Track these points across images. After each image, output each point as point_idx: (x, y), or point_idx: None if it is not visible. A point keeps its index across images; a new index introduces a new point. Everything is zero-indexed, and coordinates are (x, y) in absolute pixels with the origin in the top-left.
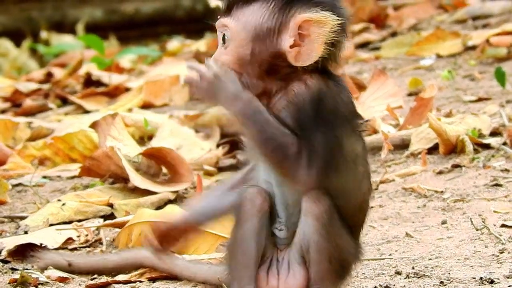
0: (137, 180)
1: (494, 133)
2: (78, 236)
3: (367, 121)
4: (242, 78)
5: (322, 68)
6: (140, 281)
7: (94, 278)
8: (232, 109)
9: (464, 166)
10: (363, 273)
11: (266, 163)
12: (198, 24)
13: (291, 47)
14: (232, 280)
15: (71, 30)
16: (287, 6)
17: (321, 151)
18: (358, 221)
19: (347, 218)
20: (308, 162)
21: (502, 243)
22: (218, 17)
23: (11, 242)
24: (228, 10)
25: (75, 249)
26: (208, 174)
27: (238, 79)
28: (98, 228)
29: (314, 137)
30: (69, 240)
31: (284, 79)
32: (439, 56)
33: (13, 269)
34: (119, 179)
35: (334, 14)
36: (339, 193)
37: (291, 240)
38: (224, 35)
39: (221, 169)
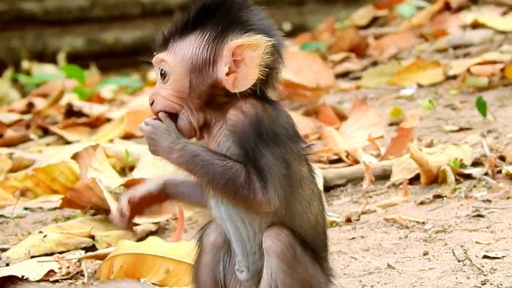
0: None
1: (476, 163)
2: (60, 268)
3: (311, 145)
4: (183, 112)
5: (260, 94)
6: None
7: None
8: (170, 161)
9: (445, 196)
10: None
11: (225, 200)
12: None
13: (227, 74)
14: None
15: (53, 60)
16: (221, 35)
17: (271, 170)
18: (318, 245)
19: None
20: (262, 184)
21: (484, 274)
22: (154, 53)
23: None
24: (164, 45)
25: (56, 281)
26: None
27: (173, 124)
28: (79, 260)
29: (261, 159)
30: (51, 272)
31: (222, 108)
32: (420, 86)
33: None
34: (101, 211)
35: (266, 37)
36: (290, 218)
37: (257, 280)
38: (162, 70)
39: None
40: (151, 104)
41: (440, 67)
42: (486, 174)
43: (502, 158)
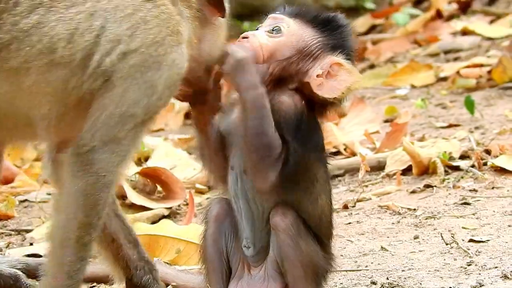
0: (134, 197)
1: (463, 156)
2: None
3: (330, 153)
4: (260, 66)
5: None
6: None
7: (93, 286)
8: (245, 94)
9: (435, 186)
10: (341, 283)
11: (248, 155)
12: None
13: (317, 76)
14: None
15: None
16: (330, 45)
17: (292, 161)
18: (321, 232)
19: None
20: (282, 168)
21: (470, 256)
22: (280, 11)
23: (18, 253)
24: (291, 14)
25: None
26: (200, 192)
27: (257, 70)
28: None
29: (290, 147)
30: None
31: (279, 91)
32: (413, 87)
33: None
34: (118, 196)
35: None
36: (297, 204)
37: (262, 257)
38: (277, 27)
39: (211, 188)
40: (244, 37)
41: (432, 69)
42: (472, 166)
43: (488, 152)
